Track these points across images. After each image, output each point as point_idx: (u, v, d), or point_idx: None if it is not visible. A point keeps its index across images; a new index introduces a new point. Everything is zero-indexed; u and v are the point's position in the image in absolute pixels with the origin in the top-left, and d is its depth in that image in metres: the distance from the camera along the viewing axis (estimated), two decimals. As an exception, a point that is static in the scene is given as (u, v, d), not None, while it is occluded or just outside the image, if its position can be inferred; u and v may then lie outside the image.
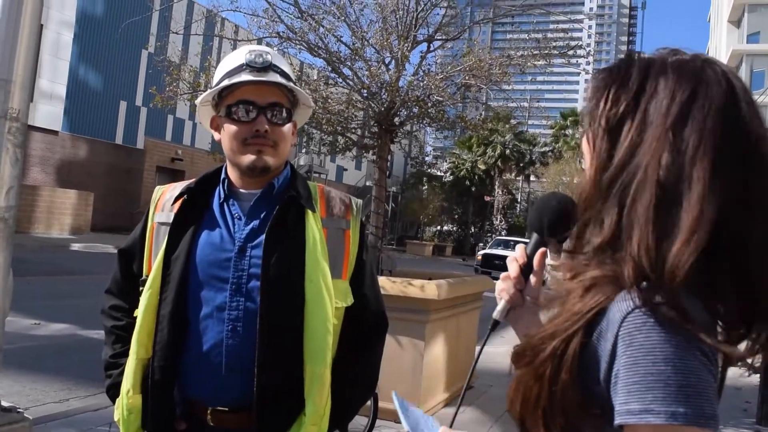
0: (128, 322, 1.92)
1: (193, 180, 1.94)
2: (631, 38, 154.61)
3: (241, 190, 1.88)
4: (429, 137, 19.58)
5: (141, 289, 1.84)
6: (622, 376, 0.89)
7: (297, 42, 7.69)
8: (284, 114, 1.84)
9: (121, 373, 1.85)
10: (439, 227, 60.71)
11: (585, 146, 1.06)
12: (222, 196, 1.87)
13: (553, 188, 40.61)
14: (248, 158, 1.81)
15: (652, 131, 0.97)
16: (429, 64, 8.41)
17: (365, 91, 7.74)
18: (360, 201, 2.01)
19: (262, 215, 1.83)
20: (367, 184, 47.30)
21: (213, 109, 1.91)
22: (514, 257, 1.21)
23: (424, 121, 8.67)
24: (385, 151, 7.94)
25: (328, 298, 1.77)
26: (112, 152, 30.61)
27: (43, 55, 26.71)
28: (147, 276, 1.85)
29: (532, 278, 1.20)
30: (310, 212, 1.83)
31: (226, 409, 1.75)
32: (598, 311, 0.94)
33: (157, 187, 2.00)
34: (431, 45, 8.29)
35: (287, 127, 1.87)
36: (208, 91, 1.87)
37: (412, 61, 8.09)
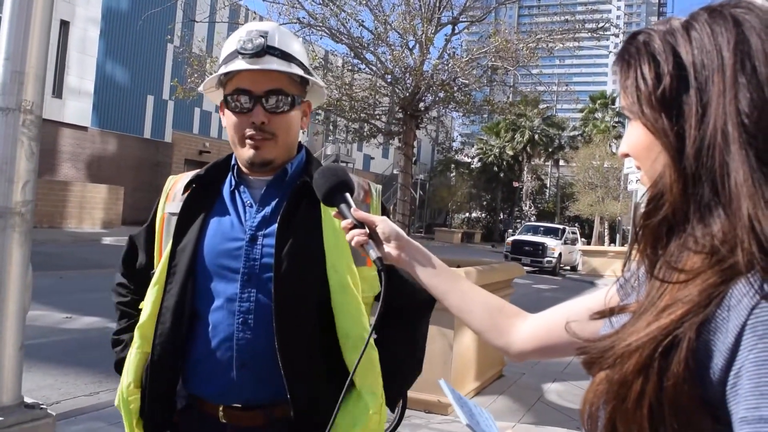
0: (133, 298, 1.87)
1: (203, 168, 1.84)
2: (660, 18, 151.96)
3: (252, 177, 1.77)
4: (456, 123, 19.39)
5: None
6: (750, 374, 0.73)
7: (318, 28, 7.59)
8: (287, 100, 1.69)
9: (125, 348, 1.80)
10: (467, 214, 60.48)
11: (641, 140, 0.93)
12: (233, 183, 1.77)
13: (584, 172, 40.17)
14: (246, 153, 1.70)
15: (716, 85, 0.84)
16: (454, 47, 8.30)
17: (389, 76, 7.62)
18: (379, 186, 1.90)
19: (274, 202, 1.72)
20: (395, 172, 47.24)
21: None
22: (345, 226, 1.36)
23: (450, 106, 8.53)
24: (410, 137, 7.82)
25: (355, 284, 1.67)
26: (140, 146, 30.93)
27: (70, 51, 27.03)
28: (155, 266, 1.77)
29: (365, 221, 1.34)
30: None
31: (239, 405, 1.66)
32: (716, 301, 0.79)
33: (170, 177, 1.91)
34: (456, 27, 8.14)
35: (292, 114, 1.72)
36: (208, 78, 1.76)
37: (436, 44, 7.95)
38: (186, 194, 1.76)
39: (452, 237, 47.57)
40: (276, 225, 1.66)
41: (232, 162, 1.80)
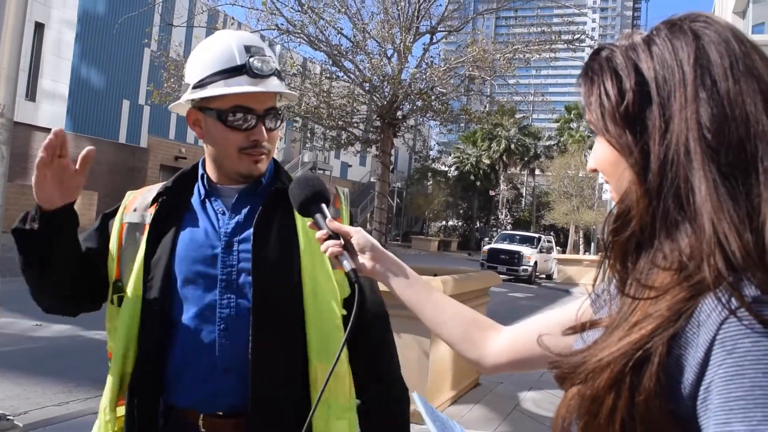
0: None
1: (170, 180, 1.81)
2: (627, 32, 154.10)
3: (223, 186, 1.76)
4: (433, 131, 19.48)
5: (114, 296, 1.72)
6: (719, 389, 0.73)
7: (297, 35, 7.57)
8: (279, 117, 1.73)
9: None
10: (444, 222, 60.69)
11: (607, 156, 0.94)
12: (202, 193, 1.76)
13: (559, 181, 40.53)
14: (244, 167, 1.69)
15: (677, 100, 0.85)
16: (432, 57, 8.32)
17: (367, 84, 7.63)
18: (347, 189, 1.92)
19: (246, 209, 1.71)
20: (372, 180, 47.26)
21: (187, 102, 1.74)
22: (320, 237, 1.36)
23: (428, 115, 8.55)
24: (388, 145, 7.83)
25: (330, 292, 1.68)
26: (115, 151, 30.59)
27: (45, 54, 26.69)
28: (118, 280, 1.72)
29: (340, 232, 1.35)
30: None
31: (221, 414, 1.64)
32: (685, 316, 0.79)
33: (129, 192, 1.87)
34: (434, 37, 8.18)
35: (278, 130, 1.76)
36: (194, 91, 1.68)
37: (414, 53, 7.98)
38: (155, 206, 1.73)
39: (429, 245, 47.64)
40: (251, 230, 1.66)
41: (201, 171, 1.78)
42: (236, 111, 1.63)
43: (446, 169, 57.54)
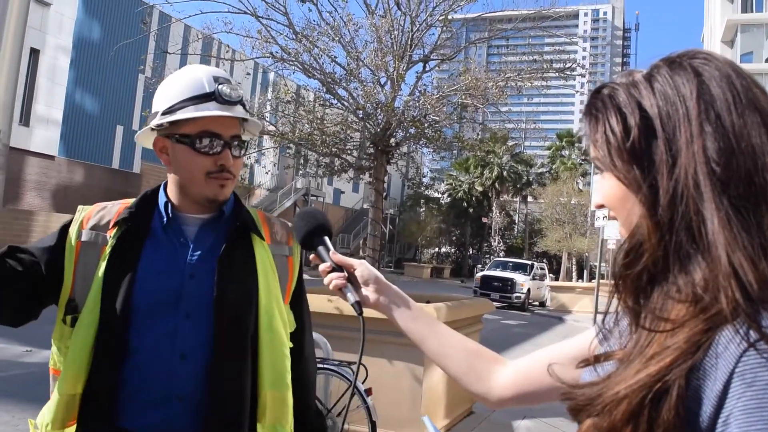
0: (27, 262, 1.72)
1: (131, 202, 1.82)
2: (625, 59, 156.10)
3: (186, 215, 1.79)
4: (426, 159, 19.55)
5: (67, 316, 1.70)
6: (739, 422, 0.73)
7: (291, 63, 7.64)
8: (243, 145, 1.80)
9: None
10: (436, 249, 60.69)
11: (615, 192, 0.95)
12: (165, 220, 1.77)
13: (551, 208, 40.68)
14: (210, 191, 1.73)
15: (683, 134, 0.86)
16: (425, 84, 8.41)
17: (361, 111, 7.69)
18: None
19: (210, 241, 1.76)
20: (365, 206, 47.31)
21: (152, 130, 1.77)
22: (323, 270, 1.36)
23: (421, 142, 8.61)
24: (381, 172, 7.86)
25: (282, 324, 1.76)
26: (108, 177, 30.58)
27: (40, 80, 26.80)
28: (72, 300, 1.71)
29: (344, 264, 1.36)
30: (258, 240, 1.80)
31: None
32: (703, 348, 0.79)
33: (80, 207, 1.86)
34: (427, 65, 8.26)
35: (242, 159, 1.83)
36: (164, 115, 1.71)
37: (407, 81, 8.07)
38: (114, 228, 1.74)
39: (421, 272, 47.59)
40: (215, 263, 1.70)
41: (164, 199, 1.80)
42: (204, 136, 1.69)
43: (439, 196, 57.71)
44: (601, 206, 1.01)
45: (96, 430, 1.65)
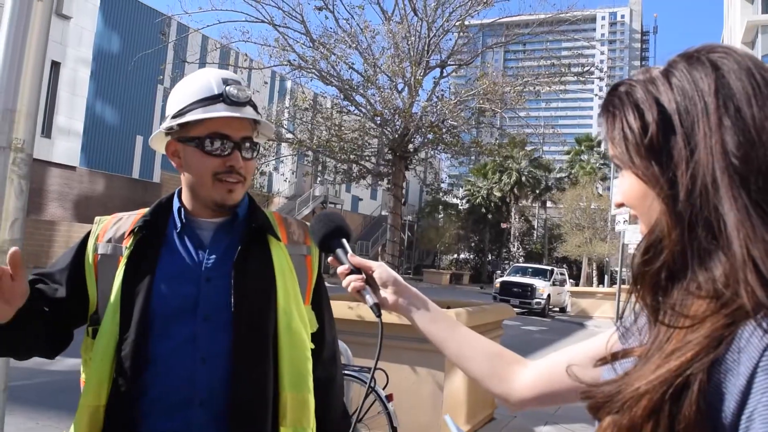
0: (50, 289, 1.75)
1: (146, 211, 1.83)
2: (643, 62, 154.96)
3: (200, 219, 1.79)
4: (444, 164, 19.54)
5: (90, 328, 1.72)
6: (764, 418, 0.72)
7: (308, 70, 7.68)
8: (255, 147, 1.79)
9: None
10: (455, 255, 60.51)
11: (635, 189, 0.94)
12: (178, 226, 1.78)
13: (571, 213, 40.42)
14: (219, 195, 1.73)
15: (701, 129, 0.85)
16: (442, 90, 8.38)
17: (378, 117, 7.69)
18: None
19: (225, 244, 1.76)
20: (383, 213, 47.34)
21: (164, 135, 1.79)
22: (342, 272, 1.36)
23: (439, 147, 8.60)
24: (399, 178, 7.86)
25: (303, 327, 1.75)
26: (128, 186, 30.89)
27: (61, 92, 27.16)
28: (95, 311, 1.72)
29: (362, 266, 1.35)
30: (275, 240, 1.79)
31: None
32: (725, 343, 0.78)
33: (97, 218, 1.88)
34: (444, 70, 8.26)
35: (255, 161, 1.82)
36: (174, 119, 1.73)
37: (425, 87, 8.06)
38: (129, 238, 1.75)
39: (441, 278, 47.48)
40: (231, 267, 1.70)
41: (177, 204, 1.81)
42: (213, 137, 1.69)
43: (457, 201, 57.58)
44: (621, 205, 1.00)
45: None
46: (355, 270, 1.35)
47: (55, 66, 26.81)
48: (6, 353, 1.73)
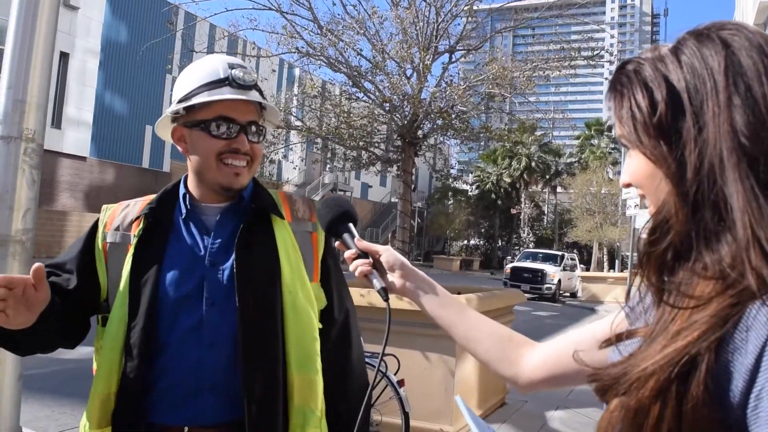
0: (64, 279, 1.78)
1: (152, 198, 1.83)
2: (653, 46, 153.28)
3: (205, 204, 1.80)
4: (453, 150, 19.52)
5: (99, 316, 1.74)
6: None
7: (317, 57, 7.65)
8: (261, 131, 1.80)
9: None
10: (465, 241, 60.46)
11: (642, 169, 0.93)
12: (184, 212, 1.79)
13: (581, 198, 40.27)
14: (225, 179, 1.73)
15: (710, 108, 0.84)
16: (451, 75, 8.34)
17: (387, 104, 7.67)
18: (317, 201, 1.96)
19: (230, 228, 1.76)
20: (393, 200, 47.33)
21: (170, 121, 1.80)
22: (349, 256, 1.35)
23: (449, 133, 8.57)
24: (409, 164, 7.85)
25: (309, 305, 1.74)
26: (138, 176, 31.01)
27: (70, 83, 27.24)
28: (105, 299, 1.74)
29: (369, 251, 1.34)
30: (279, 220, 1.79)
31: (208, 425, 1.67)
32: (732, 322, 0.77)
33: (105, 206, 1.90)
34: (453, 56, 8.21)
35: (261, 144, 1.82)
36: (180, 103, 1.74)
37: (434, 72, 8.02)
38: (137, 225, 1.76)
39: (451, 264, 47.48)
40: (234, 250, 1.70)
41: (183, 191, 1.82)
42: (219, 120, 1.70)
43: (467, 187, 57.45)
44: (628, 185, 0.99)
45: (131, 427, 1.66)
46: (362, 254, 1.34)
47: (64, 57, 26.87)
48: (31, 352, 1.75)
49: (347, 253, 1.36)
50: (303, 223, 1.85)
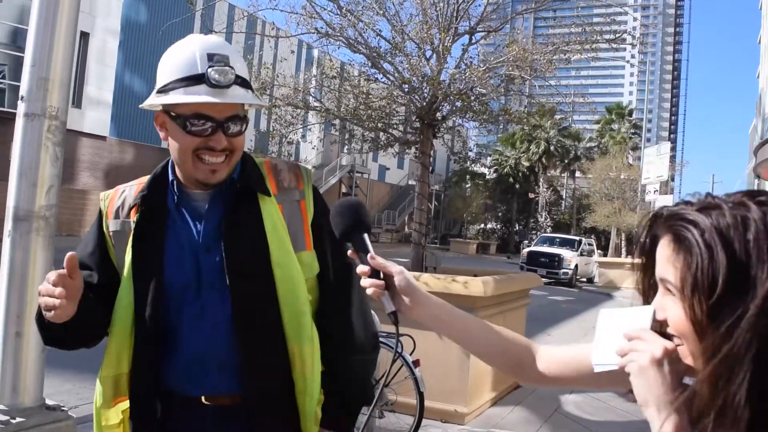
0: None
1: (143, 184, 1.83)
2: (678, 29, 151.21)
3: (193, 191, 1.80)
4: (472, 133, 19.37)
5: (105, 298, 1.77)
6: None
7: (336, 38, 7.63)
8: (242, 122, 1.74)
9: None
10: (482, 225, 60.29)
11: (681, 324, 0.93)
12: (175, 198, 1.80)
13: (600, 183, 39.91)
14: (201, 175, 1.72)
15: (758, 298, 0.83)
16: (471, 57, 8.26)
17: (406, 85, 7.64)
18: (310, 168, 1.96)
19: (221, 212, 1.77)
20: (410, 182, 47.23)
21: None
22: (362, 272, 1.33)
23: (467, 116, 8.53)
24: (427, 146, 7.83)
25: (299, 277, 1.75)
26: (157, 155, 31.08)
27: (90, 62, 27.36)
28: (104, 285, 1.77)
29: (382, 270, 1.32)
30: (264, 197, 1.77)
31: (224, 394, 1.75)
32: None
33: (103, 194, 1.91)
34: (473, 37, 8.14)
35: (244, 134, 1.78)
36: (157, 95, 1.72)
37: (453, 54, 7.96)
38: (134, 213, 1.79)
39: (467, 248, 47.43)
40: (224, 232, 1.73)
41: (171, 177, 1.82)
42: (195, 118, 1.66)
43: (485, 171, 57.18)
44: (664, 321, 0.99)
45: (148, 398, 1.74)
46: (375, 272, 1.33)
47: (84, 37, 26.97)
48: (76, 346, 1.80)
49: (360, 269, 1.35)
50: (290, 192, 1.83)
